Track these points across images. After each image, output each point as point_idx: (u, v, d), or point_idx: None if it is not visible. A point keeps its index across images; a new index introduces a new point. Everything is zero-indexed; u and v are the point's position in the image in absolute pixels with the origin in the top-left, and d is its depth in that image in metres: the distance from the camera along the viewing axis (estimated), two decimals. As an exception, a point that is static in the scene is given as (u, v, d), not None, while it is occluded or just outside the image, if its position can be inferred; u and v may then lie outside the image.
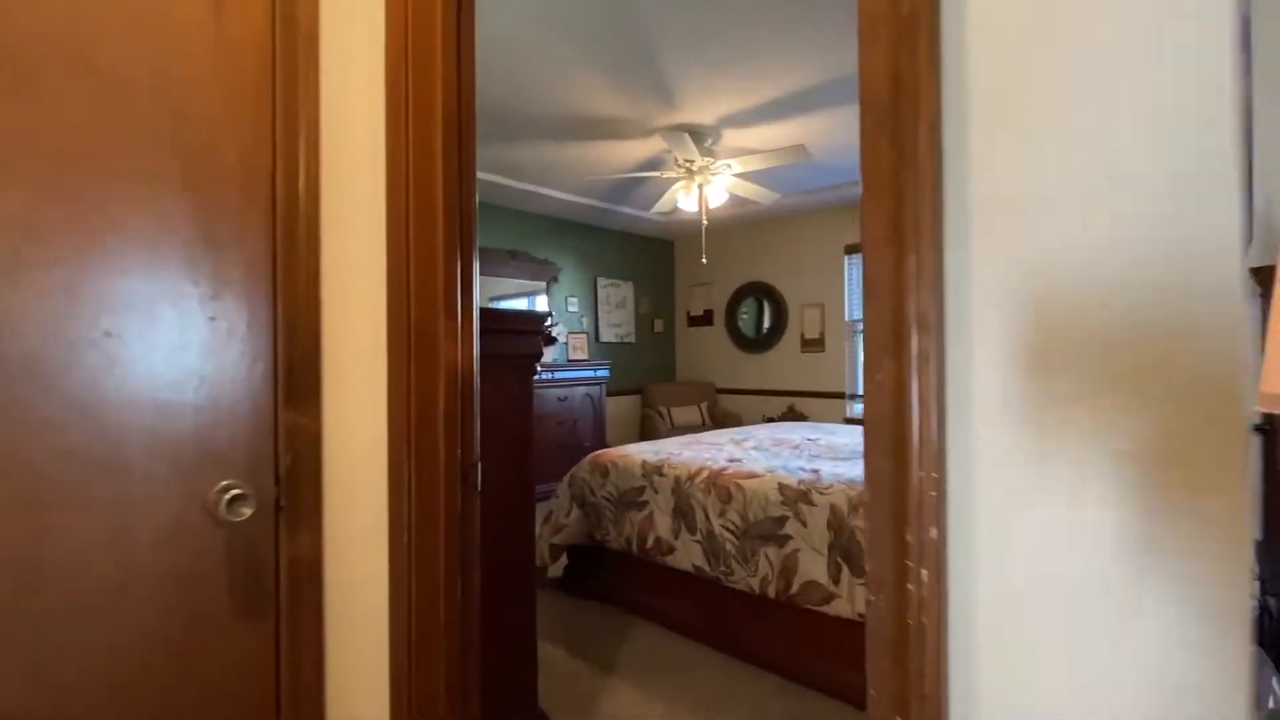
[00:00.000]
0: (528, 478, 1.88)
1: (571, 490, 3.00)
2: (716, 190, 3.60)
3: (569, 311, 5.64)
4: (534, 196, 4.80)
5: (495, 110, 3.25)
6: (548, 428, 4.85)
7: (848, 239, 5.30)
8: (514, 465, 1.81)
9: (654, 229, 6.07)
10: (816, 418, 5.47)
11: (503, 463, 1.71)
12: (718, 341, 6.31)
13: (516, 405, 1.84)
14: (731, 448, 3.08)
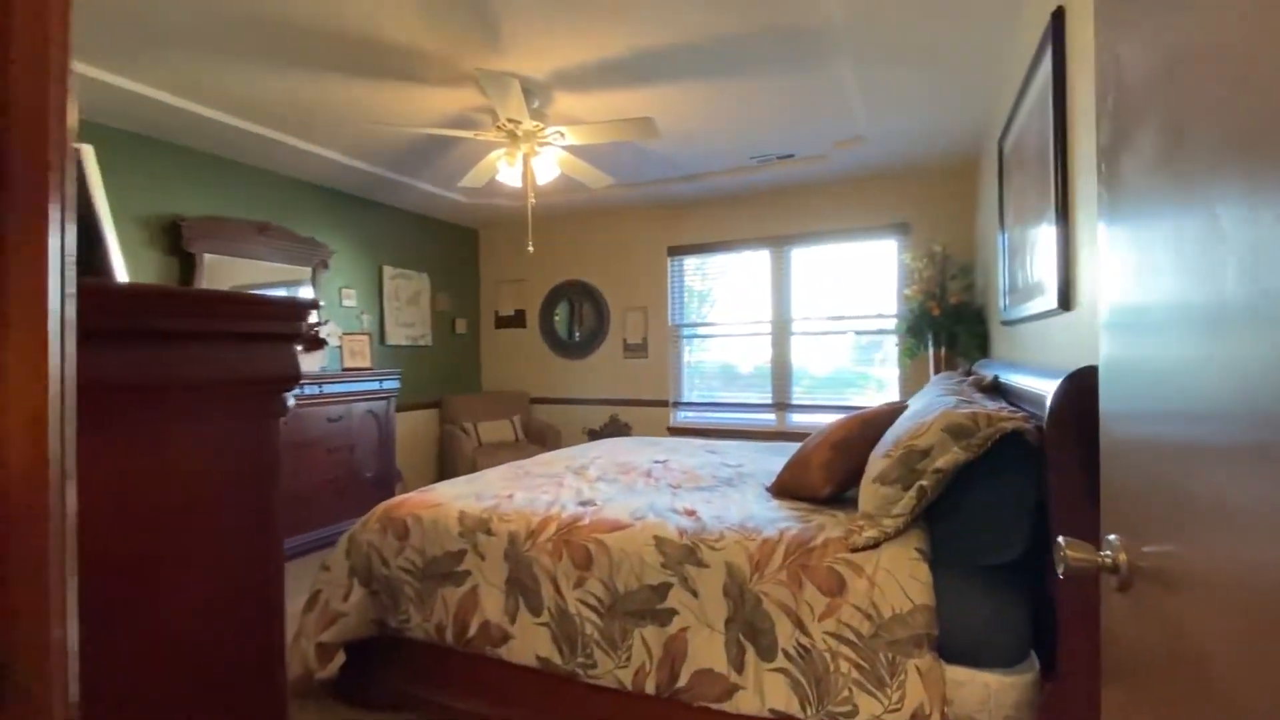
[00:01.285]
0: (269, 572, 1.08)
1: (352, 561, 2.11)
2: (545, 165, 2.95)
3: (344, 307, 4.49)
4: (295, 154, 3.65)
5: (227, 11, 2.21)
6: (315, 458, 3.73)
7: (673, 239, 5.01)
8: (247, 557, 1.01)
9: (456, 213, 5.18)
10: (640, 428, 5.09)
11: (223, 563, 0.91)
12: (531, 345, 5.63)
13: (245, 467, 1.02)
14: (575, 481, 2.46)
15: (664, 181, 4.37)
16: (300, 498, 3.62)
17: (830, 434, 2.07)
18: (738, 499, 2.12)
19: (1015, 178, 2.45)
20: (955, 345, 3.70)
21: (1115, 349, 0.80)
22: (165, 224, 3.40)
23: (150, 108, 2.94)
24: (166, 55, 2.53)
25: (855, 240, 4.43)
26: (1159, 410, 0.66)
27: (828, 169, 4.07)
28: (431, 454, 5.23)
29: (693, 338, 5.04)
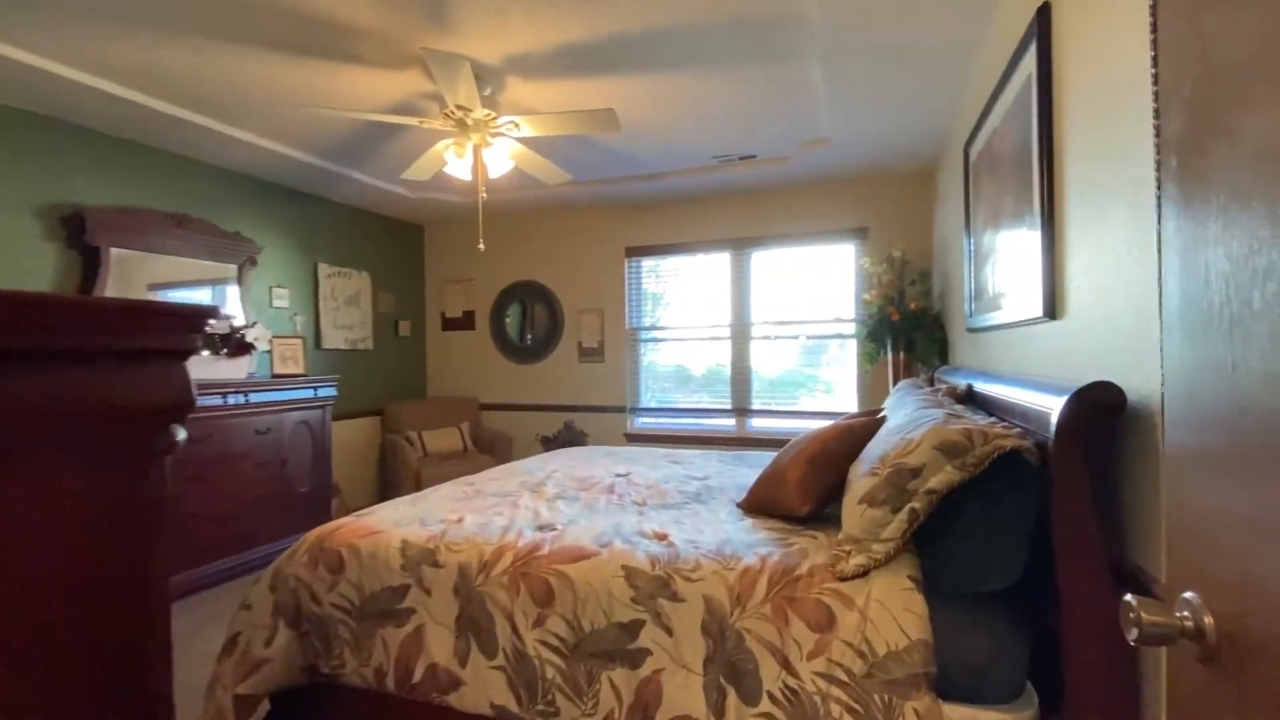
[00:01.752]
0: (149, 644, 0.87)
1: (277, 598, 1.86)
2: (498, 157, 2.74)
3: (275, 308, 4.14)
4: (218, 140, 3.31)
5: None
6: (241, 474, 3.39)
7: (630, 240, 4.85)
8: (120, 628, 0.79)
9: (400, 208, 4.88)
10: (596, 435, 4.91)
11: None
12: (481, 349, 5.36)
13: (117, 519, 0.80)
14: (531, 500, 2.27)
15: (623, 180, 4.21)
16: (225, 517, 3.28)
17: (806, 448, 1.95)
18: (710, 519, 1.98)
19: (985, 182, 2.41)
20: (914, 350, 3.69)
21: (1195, 358, 0.68)
22: (65, 214, 3.02)
23: (46, 82, 2.58)
24: (60, 20, 2.20)
25: (814, 244, 4.39)
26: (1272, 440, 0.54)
27: (789, 171, 4.00)
28: (373, 466, 4.91)
29: (651, 341, 4.90)
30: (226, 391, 3.31)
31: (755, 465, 2.91)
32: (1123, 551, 1.22)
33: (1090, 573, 1.18)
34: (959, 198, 2.97)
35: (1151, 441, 1.11)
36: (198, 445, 3.14)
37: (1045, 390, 1.35)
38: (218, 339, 3.37)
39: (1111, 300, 1.29)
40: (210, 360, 3.38)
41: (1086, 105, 1.41)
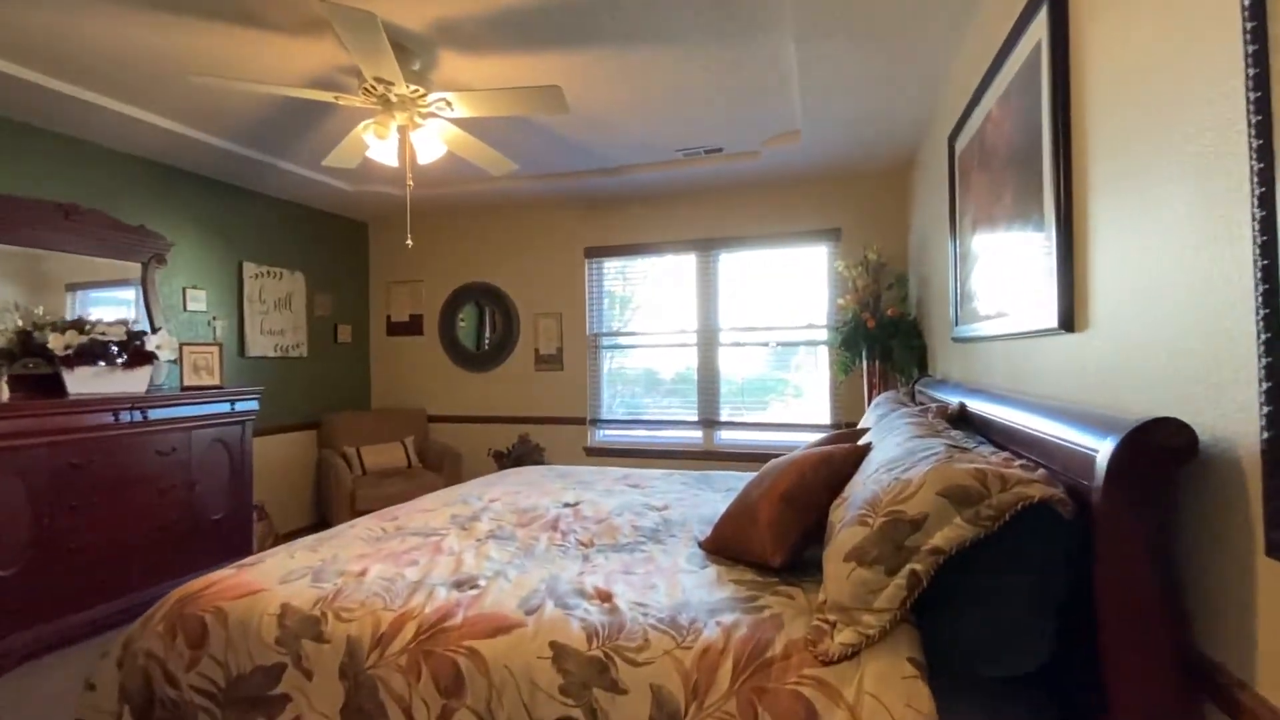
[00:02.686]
0: None
1: (124, 678, 1.48)
2: (428, 140, 2.39)
3: (190, 311, 3.69)
4: (112, 119, 2.88)
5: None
6: (139, 501, 2.96)
7: (590, 240, 4.53)
8: None
9: (339, 202, 4.46)
10: (555, 449, 4.57)
11: None
12: (429, 356, 4.97)
13: None
14: (458, 541, 1.92)
15: (580, 174, 3.89)
16: (115, 553, 2.84)
17: (778, 482, 1.65)
18: (666, 566, 1.66)
19: (975, 177, 2.16)
20: (891, 359, 3.44)
21: None
22: (-89, 200, 2.56)
23: None
24: None
25: (785, 245, 4.13)
26: None
27: (758, 167, 3.73)
28: (309, 485, 4.47)
29: (613, 348, 4.58)
30: (119, 408, 2.87)
31: (722, 489, 2.61)
32: (1188, 638, 0.95)
33: (1152, 669, 0.90)
34: (941, 196, 2.73)
35: (1237, 497, 0.83)
36: (80, 470, 2.70)
37: (1080, 424, 1.07)
38: (111, 347, 2.93)
39: (1161, 309, 1.02)
40: (104, 371, 2.94)
41: (1122, 69, 1.14)
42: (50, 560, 2.58)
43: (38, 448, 2.55)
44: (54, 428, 2.61)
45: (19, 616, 2.47)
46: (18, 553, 2.48)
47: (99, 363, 2.92)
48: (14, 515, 2.47)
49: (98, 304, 3.27)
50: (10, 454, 2.46)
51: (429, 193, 4.21)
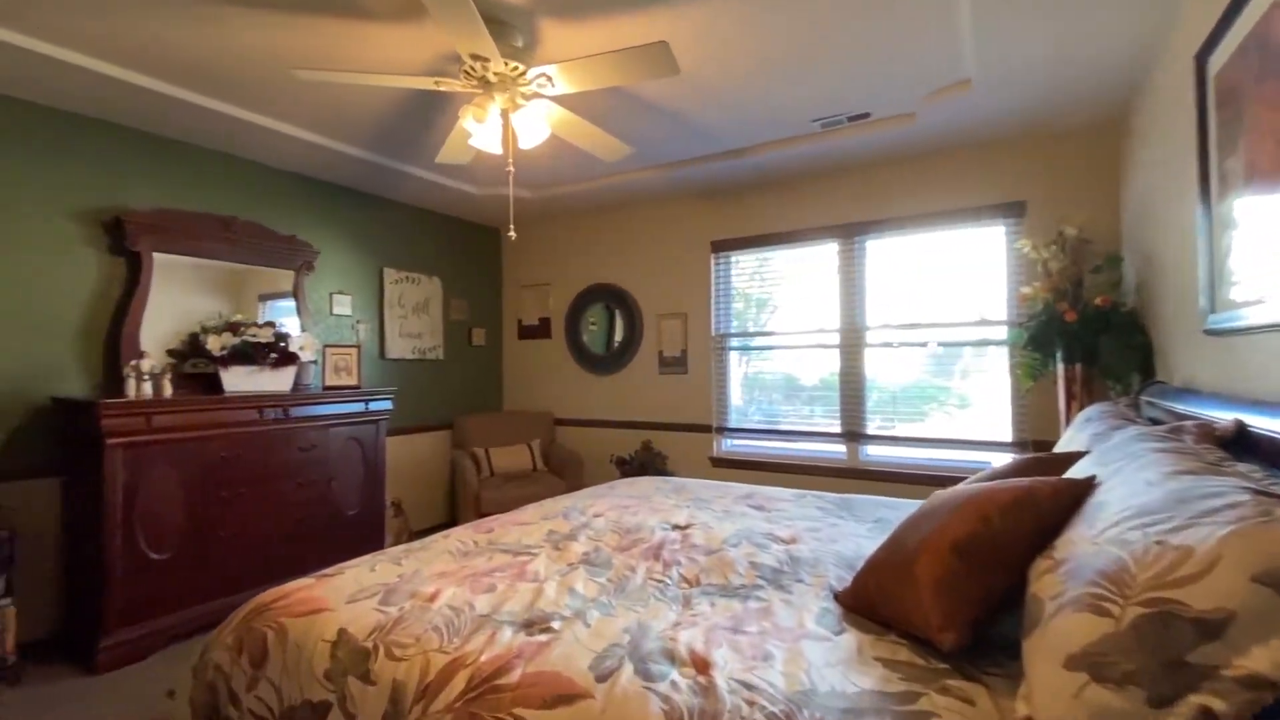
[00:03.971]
0: None
1: (194, 689, 1.41)
2: (531, 122, 2.21)
3: (334, 315, 3.91)
4: (257, 133, 3.07)
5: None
6: (281, 496, 3.11)
7: (717, 232, 4.18)
8: None
9: (472, 208, 4.54)
10: (679, 458, 4.27)
11: None
12: (556, 359, 4.91)
13: None
14: (546, 564, 1.67)
15: (702, 160, 3.56)
16: (260, 543, 3.00)
17: (949, 525, 1.19)
18: (788, 626, 1.27)
19: (1252, 105, 1.51)
20: (1097, 361, 2.70)
21: None
22: (108, 218, 2.89)
23: (73, 76, 2.40)
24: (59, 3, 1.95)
25: (949, 226, 3.47)
26: None
27: (915, 133, 3.15)
28: (442, 483, 4.59)
29: (744, 350, 4.18)
30: (264, 405, 3.05)
31: (868, 520, 2.13)
32: None
33: None
34: (1179, 144, 2.03)
35: None
36: (229, 463, 2.88)
37: None
38: (260, 348, 3.13)
39: None
40: (255, 371, 3.15)
41: None
42: (201, 547, 2.77)
43: (192, 441, 2.75)
44: (206, 422, 2.80)
45: (173, 599, 2.65)
46: (173, 539, 2.67)
47: (251, 363, 3.12)
48: (170, 504, 2.67)
49: (281, 313, 3.53)
50: (169, 446, 2.67)
51: (552, 193, 4.12)
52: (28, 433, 2.63)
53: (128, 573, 2.52)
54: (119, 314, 2.90)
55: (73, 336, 2.78)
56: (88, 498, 2.53)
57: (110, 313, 2.89)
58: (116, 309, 2.91)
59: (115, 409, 2.48)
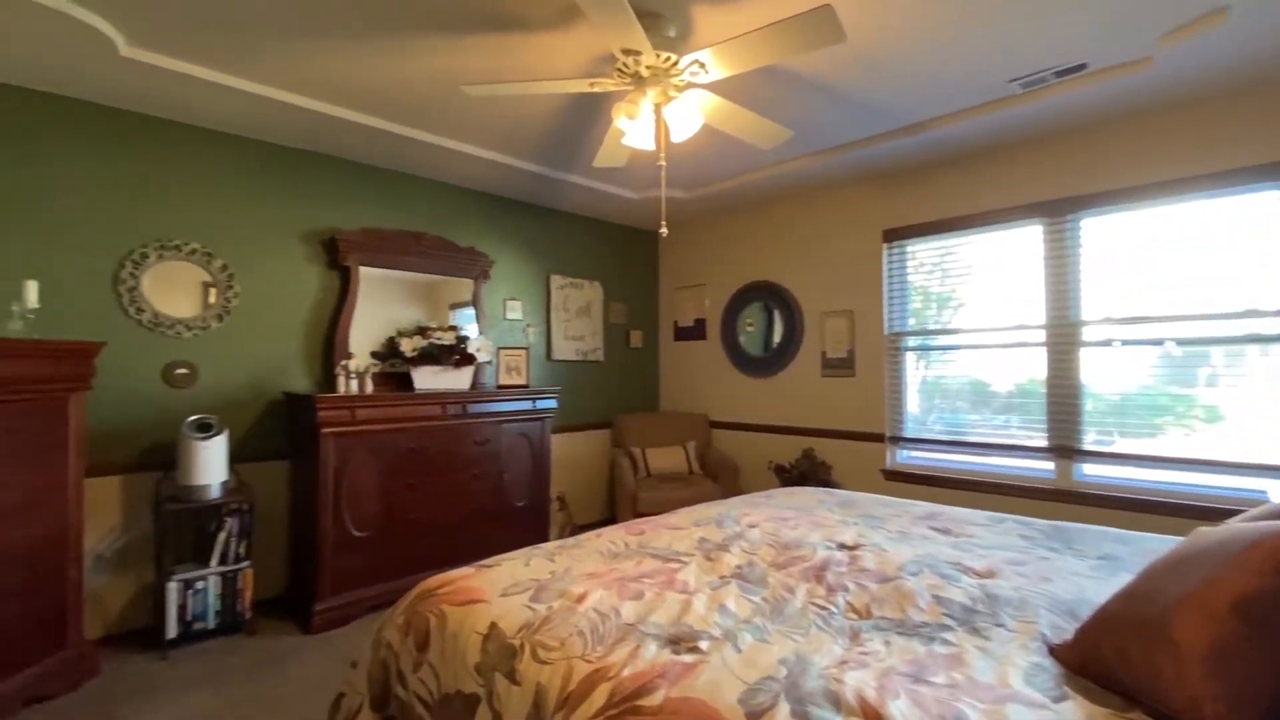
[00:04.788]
0: None
1: (371, 664, 1.52)
2: (683, 113, 2.14)
3: (507, 319, 4.18)
4: (439, 154, 3.38)
5: None
6: (462, 484, 3.38)
7: (889, 220, 3.80)
8: None
9: (629, 213, 4.62)
10: (845, 469, 3.94)
11: None
12: (712, 361, 4.82)
13: None
14: (697, 575, 1.58)
15: (872, 140, 3.24)
16: (442, 526, 3.29)
17: (1227, 576, 0.89)
18: (987, 682, 1.04)
19: None
20: None
21: None
22: (324, 238, 3.35)
23: (293, 116, 2.82)
24: (264, 46, 2.29)
25: (1194, 196, 2.78)
26: None
27: (1147, 83, 2.57)
28: (600, 480, 4.72)
29: (922, 350, 3.75)
30: (446, 402, 3.34)
31: (1090, 555, 1.74)
32: None
33: None
34: None
35: None
36: (416, 454, 3.18)
37: None
38: (444, 351, 3.44)
39: None
40: (440, 371, 3.47)
41: None
42: (393, 528, 3.08)
43: (387, 433, 3.08)
44: (399, 416, 3.12)
45: (371, 572, 2.99)
46: (372, 519, 3.01)
47: (436, 363, 3.44)
48: (369, 488, 3.00)
49: (467, 320, 3.87)
50: (370, 436, 3.01)
51: (707, 192, 4.04)
52: (265, 422, 3.13)
53: (337, 547, 2.88)
54: (333, 320, 3.35)
55: (299, 339, 3.26)
56: (307, 479, 2.94)
57: (327, 319, 3.35)
58: (331, 316, 3.36)
59: (328, 402, 2.85)
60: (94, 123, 2.69)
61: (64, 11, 1.99)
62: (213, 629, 2.66)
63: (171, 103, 2.70)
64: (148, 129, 2.82)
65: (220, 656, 2.52)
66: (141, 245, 2.80)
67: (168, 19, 2.12)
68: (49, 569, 2.22)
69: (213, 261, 2.98)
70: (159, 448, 2.81)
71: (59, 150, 2.61)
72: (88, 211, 2.67)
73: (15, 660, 2.08)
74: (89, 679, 2.31)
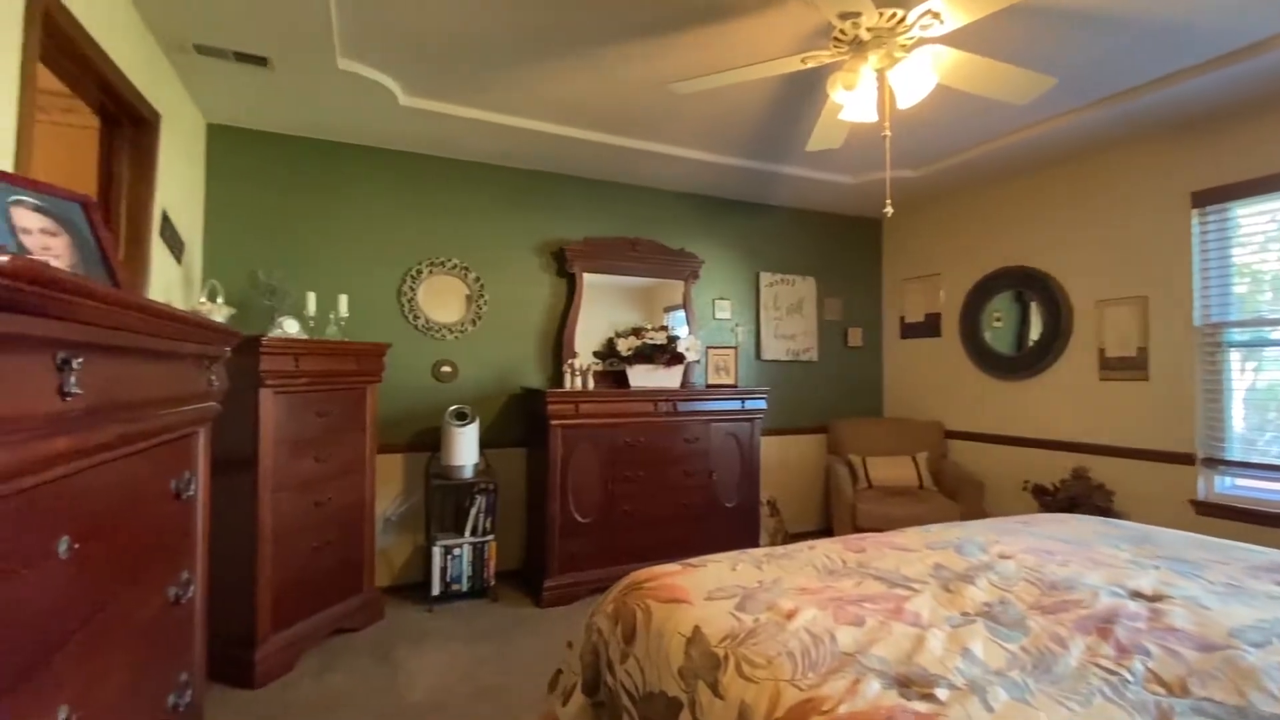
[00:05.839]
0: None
1: (583, 647, 1.58)
2: (911, 75, 1.87)
3: (716, 319, 4.17)
4: (648, 159, 3.47)
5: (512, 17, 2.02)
6: (672, 481, 3.44)
7: (1198, 179, 2.95)
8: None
9: (846, 200, 4.30)
10: (1133, 497, 3.16)
11: None
12: (949, 361, 4.24)
13: None
14: (931, 605, 1.35)
15: (1170, 80, 2.53)
16: (659, 520, 3.38)
17: None
18: None
19: None
20: None
21: None
22: (554, 249, 3.68)
23: (526, 140, 3.14)
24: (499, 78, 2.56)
25: None
26: None
27: None
28: (814, 488, 4.45)
29: (1255, 346, 2.84)
30: (658, 400, 3.42)
31: None
32: None
33: None
34: None
35: None
36: (632, 449, 3.31)
37: None
38: (657, 350, 3.54)
39: None
40: (652, 369, 3.58)
41: None
42: (611, 517, 3.25)
43: (605, 427, 3.25)
44: (615, 412, 3.28)
45: (591, 557, 3.18)
46: (593, 507, 3.20)
47: (649, 362, 3.55)
48: (591, 478, 3.20)
49: (680, 322, 3.98)
50: (591, 429, 3.21)
51: (939, 168, 3.57)
52: (506, 413, 3.53)
53: (564, 530, 3.12)
54: (561, 323, 3.66)
55: (534, 340, 3.62)
56: (539, 466, 3.24)
57: (557, 322, 3.67)
58: (560, 319, 3.67)
59: (556, 397, 3.11)
60: (382, 164, 3.29)
61: (357, 73, 2.45)
62: (465, 591, 3.06)
63: (437, 140, 3.18)
64: (422, 166, 3.37)
65: (470, 617, 2.88)
66: (418, 263, 3.34)
67: (428, 69, 2.48)
68: (353, 527, 2.75)
69: (469, 274, 3.45)
70: (428, 432, 3.32)
71: (360, 189, 3.24)
72: (380, 237, 3.27)
73: (330, 598, 2.61)
74: (376, 620, 2.81)
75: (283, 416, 2.39)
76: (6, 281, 0.46)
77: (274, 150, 3.08)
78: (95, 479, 0.72)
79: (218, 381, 1.25)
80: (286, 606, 2.38)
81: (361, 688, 2.23)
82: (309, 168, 3.14)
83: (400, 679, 2.29)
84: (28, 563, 0.58)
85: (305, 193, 3.13)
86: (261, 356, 2.25)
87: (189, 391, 1.08)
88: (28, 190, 1.11)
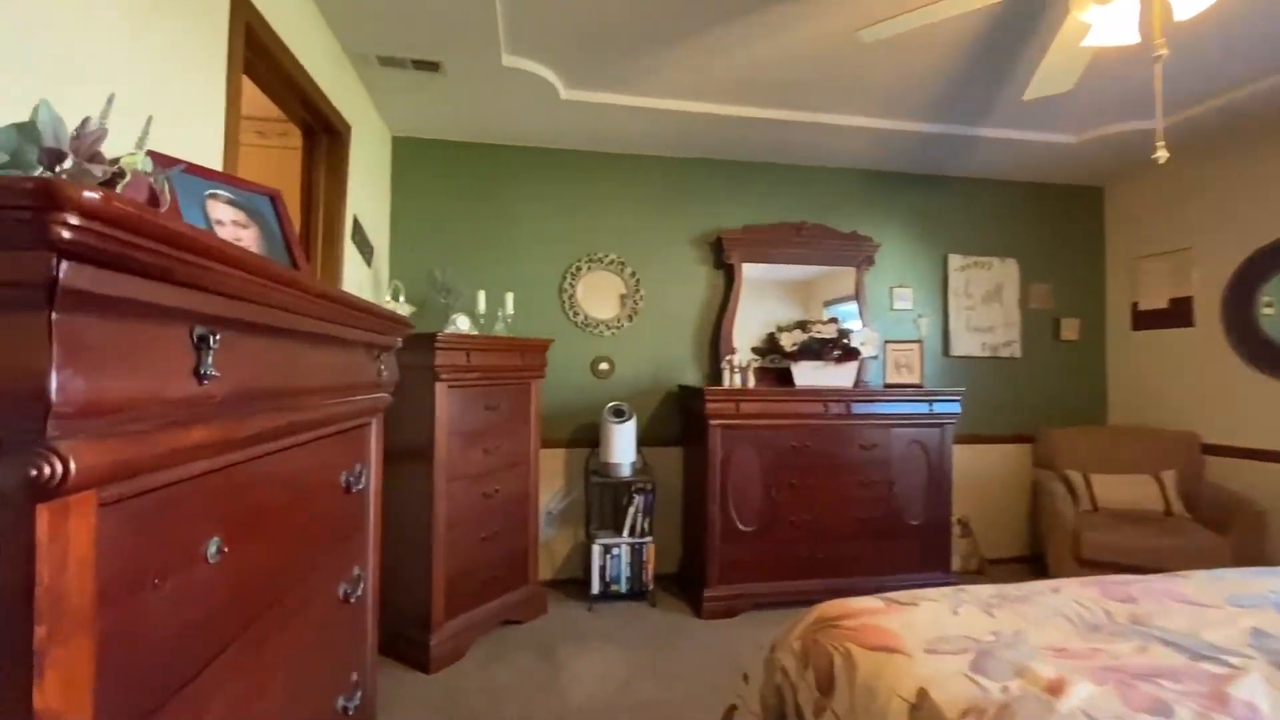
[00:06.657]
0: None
1: (764, 685, 1.36)
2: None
3: (894, 309, 3.70)
4: (825, 132, 3.13)
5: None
6: (844, 490, 3.09)
7: None
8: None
9: (1060, 164, 3.60)
10: None
11: None
12: (1206, 357, 3.37)
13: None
14: (1268, 698, 0.95)
15: None
16: (831, 535, 3.04)
17: None
18: None
19: None
20: None
21: None
22: (710, 239, 3.49)
23: (681, 123, 2.99)
24: (652, 59, 2.42)
25: None
26: None
27: None
28: (1020, 508, 3.79)
29: None
30: (828, 400, 3.08)
31: None
32: None
33: None
34: None
35: None
36: (797, 453, 3.02)
37: None
38: (824, 344, 3.20)
39: None
40: (820, 366, 3.24)
41: None
42: (776, 527, 2.98)
43: (768, 429, 2.99)
44: (779, 412, 3.01)
45: (755, 569, 2.93)
46: (756, 515, 2.96)
47: (817, 358, 3.22)
48: (752, 483, 2.96)
49: (844, 317, 3.59)
50: (752, 431, 2.97)
51: (1200, 111, 2.81)
52: (663, 411, 3.40)
53: (724, 537, 2.91)
54: (718, 317, 3.45)
55: (690, 336, 3.46)
56: (697, 467, 3.06)
57: (713, 316, 3.47)
58: (717, 313, 3.47)
59: (715, 395, 2.91)
60: (542, 164, 3.32)
61: (521, 68, 2.44)
62: (624, 593, 2.98)
63: (596, 135, 3.14)
64: (579, 162, 3.36)
65: (629, 619, 2.79)
66: (577, 259, 3.34)
67: (590, 58, 2.41)
68: (518, 519, 2.77)
69: (625, 269, 3.38)
70: (587, 428, 3.30)
71: (523, 190, 3.30)
72: (542, 235, 3.31)
73: (498, 588, 2.65)
74: (540, 614, 2.81)
75: (456, 409, 2.45)
76: (98, 226, 0.36)
77: (448, 157, 3.23)
78: (250, 473, 0.65)
79: (387, 372, 1.21)
80: (458, 595, 2.44)
81: (526, 684, 2.20)
82: (478, 172, 3.26)
83: (562, 679, 2.24)
84: (165, 572, 0.49)
85: (474, 196, 3.25)
86: (436, 352, 2.32)
87: (358, 381, 1.04)
88: (222, 184, 1.14)
